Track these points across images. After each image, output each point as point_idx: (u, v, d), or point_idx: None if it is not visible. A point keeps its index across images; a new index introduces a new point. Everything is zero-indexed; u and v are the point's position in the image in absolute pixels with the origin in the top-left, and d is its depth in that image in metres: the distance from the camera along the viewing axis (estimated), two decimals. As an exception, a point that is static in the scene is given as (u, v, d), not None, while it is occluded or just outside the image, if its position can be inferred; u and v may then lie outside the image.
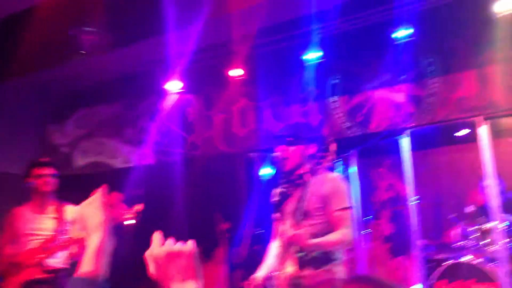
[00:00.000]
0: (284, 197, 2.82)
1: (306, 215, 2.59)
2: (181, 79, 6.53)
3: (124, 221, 3.93)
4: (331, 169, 2.64)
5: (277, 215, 2.89)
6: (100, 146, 7.42)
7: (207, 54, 6.28)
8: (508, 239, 4.51)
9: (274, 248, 2.92)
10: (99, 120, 7.46)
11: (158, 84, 6.62)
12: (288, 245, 2.60)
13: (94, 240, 1.55)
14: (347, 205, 2.70)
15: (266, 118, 6.60)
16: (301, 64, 6.16)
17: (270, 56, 6.21)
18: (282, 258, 2.63)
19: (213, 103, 6.92)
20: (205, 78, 6.73)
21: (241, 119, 6.79)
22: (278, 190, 2.91)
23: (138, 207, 4.06)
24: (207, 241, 7.21)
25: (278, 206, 2.85)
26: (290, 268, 2.61)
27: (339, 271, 2.69)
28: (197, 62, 6.26)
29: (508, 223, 4.66)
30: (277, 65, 6.33)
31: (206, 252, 7.27)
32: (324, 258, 2.65)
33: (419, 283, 4.66)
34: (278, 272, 2.69)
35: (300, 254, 2.61)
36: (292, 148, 2.77)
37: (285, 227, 2.56)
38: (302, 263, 2.63)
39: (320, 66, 6.18)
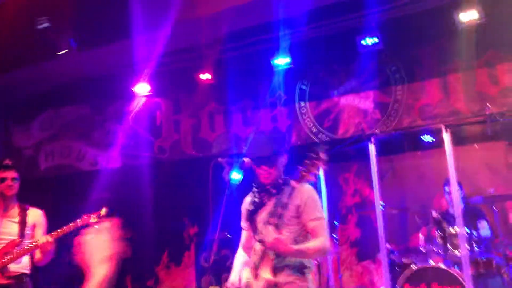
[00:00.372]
0: (258, 206, 2.81)
1: (280, 223, 2.60)
2: (149, 82, 6.47)
3: (90, 225, 3.86)
4: (317, 177, 2.67)
5: (247, 223, 2.89)
6: (66, 148, 7.26)
7: (176, 57, 6.25)
8: (470, 245, 4.64)
9: (241, 255, 2.93)
10: (65, 122, 7.32)
11: (126, 87, 6.55)
12: (266, 250, 2.59)
13: (101, 272, 1.55)
14: (321, 215, 2.73)
15: (235, 123, 6.61)
16: (270, 69, 6.20)
17: (239, 61, 6.24)
18: (258, 264, 2.63)
19: (181, 107, 6.88)
20: (173, 82, 6.70)
21: (209, 123, 6.77)
22: (250, 199, 2.91)
23: (103, 211, 4.00)
24: (175, 245, 7.15)
25: (251, 215, 2.84)
26: (265, 275, 2.60)
27: (311, 278, 2.71)
28: (166, 65, 6.23)
29: (469, 230, 4.79)
30: (246, 70, 6.36)
31: (174, 256, 7.21)
32: (298, 264, 2.67)
33: (384, 287, 4.73)
34: (251, 279, 2.67)
35: (276, 260, 2.61)
36: (274, 166, 2.77)
37: (265, 232, 2.54)
38: (277, 269, 2.64)
39: (289, 72, 6.24)
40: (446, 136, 4.64)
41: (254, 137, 2.96)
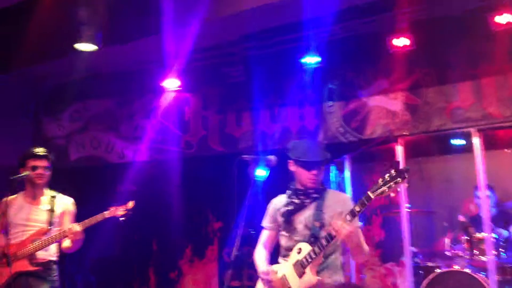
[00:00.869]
0: (297, 207, 2.89)
1: (323, 227, 2.72)
2: (179, 78, 6.54)
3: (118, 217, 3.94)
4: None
5: (276, 223, 2.98)
6: (95, 140, 7.41)
7: (206, 54, 6.30)
8: (497, 250, 4.56)
9: (262, 253, 3.01)
10: (95, 114, 7.46)
11: (156, 81, 6.64)
12: (317, 250, 2.66)
13: None
14: (358, 224, 2.83)
15: (262, 120, 6.63)
16: (298, 68, 6.19)
17: (268, 59, 6.25)
18: (306, 263, 2.70)
19: (209, 103, 6.94)
20: (202, 78, 6.75)
21: (236, 119, 6.81)
22: (285, 200, 2.98)
23: (130, 204, 4.07)
24: (199, 240, 7.23)
25: (289, 215, 2.91)
26: (312, 274, 2.69)
27: (343, 275, 2.85)
28: (196, 61, 6.29)
29: (497, 236, 4.70)
30: (275, 67, 6.36)
31: (198, 250, 7.29)
32: (336, 265, 2.81)
33: (408, 290, 4.70)
34: (294, 277, 2.74)
35: (321, 259, 2.70)
36: (322, 171, 2.90)
37: (337, 224, 2.58)
38: (321, 270, 2.74)
39: (317, 71, 6.22)
40: (477, 140, 4.57)
41: (304, 143, 3.04)
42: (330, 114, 6.38)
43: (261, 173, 3.69)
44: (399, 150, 4.89)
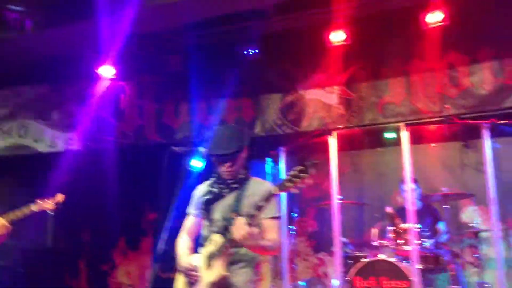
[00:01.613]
0: (216, 197, 2.81)
1: (246, 216, 2.59)
2: (114, 65, 6.36)
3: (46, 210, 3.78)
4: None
5: (199, 211, 2.90)
6: (23, 128, 7.09)
7: (142, 41, 6.15)
8: (420, 240, 4.77)
9: (185, 240, 2.93)
10: (24, 101, 7.12)
11: (90, 68, 6.41)
12: (227, 243, 2.58)
13: None
14: (279, 214, 2.76)
15: (200, 111, 6.58)
16: (237, 59, 6.18)
17: (207, 49, 6.19)
18: (214, 256, 2.63)
19: (146, 92, 6.80)
20: (139, 66, 6.59)
21: (174, 110, 6.72)
22: (206, 188, 2.91)
23: (59, 197, 3.91)
24: (133, 231, 7.11)
25: (207, 204, 2.84)
26: (219, 268, 2.61)
27: (265, 270, 2.81)
28: (132, 49, 6.13)
29: (421, 226, 4.92)
30: (213, 58, 6.31)
31: (131, 242, 7.17)
32: (252, 257, 2.72)
33: (337, 278, 4.82)
34: (202, 267, 2.68)
35: (232, 252, 2.63)
36: (238, 163, 2.78)
37: (236, 225, 2.50)
38: (232, 262, 2.66)
39: (256, 63, 6.23)
40: (405, 135, 4.74)
41: (217, 133, 2.87)
42: (268, 106, 6.42)
43: (197, 164, 3.65)
44: (332, 143, 4.99)
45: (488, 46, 5.35)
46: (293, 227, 6.12)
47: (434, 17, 5.42)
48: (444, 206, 5.00)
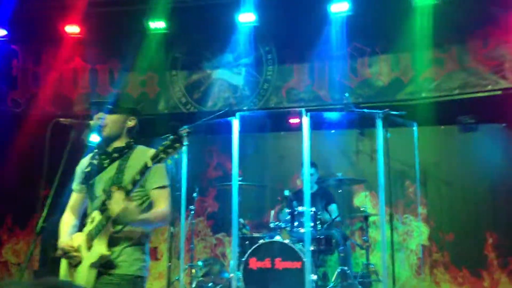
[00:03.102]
0: (96, 169, 2.63)
1: (122, 190, 2.43)
2: (5, 27, 5.83)
3: None
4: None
5: (81, 186, 2.72)
6: None
7: (39, 2, 5.69)
8: (314, 223, 4.95)
9: (69, 218, 2.76)
10: None
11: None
12: (107, 220, 2.42)
13: None
14: (166, 183, 2.64)
15: (101, 82, 6.27)
16: (144, 32, 5.94)
17: (111, 19, 5.88)
18: (94, 235, 2.47)
19: (42, 59, 6.33)
20: (35, 30, 6.10)
21: (73, 80, 6.34)
22: (87, 161, 2.73)
23: None
24: (22, 208, 6.66)
25: (87, 178, 2.66)
26: (99, 248, 2.45)
27: (148, 249, 2.64)
28: (28, 10, 5.66)
29: (316, 209, 5.11)
30: (119, 29, 6.02)
31: (19, 219, 6.73)
32: (137, 236, 2.56)
33: (234, 259, 4.86)
34: (84, 248, 2.52)
35: (115, 229, 2.47)
36: (111, 116, 2.61)
37: (113, 200, 2.35)
38: (114, 241, 2.50)
39: (164, 38, 6.04)
40: (305, 120, 4.85)
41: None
42: (173, 83, 6.28)
43: (94, 137, 3.45)
44: (235, 124, 4.99)
45: (385, 39, 5.60)
46: (193, 207, 6.08)
47: (339, 7, 5.57)
48: (339, 191, 5.20)
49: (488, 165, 5.87)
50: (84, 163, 2.76)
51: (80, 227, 2.73)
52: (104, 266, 2.47)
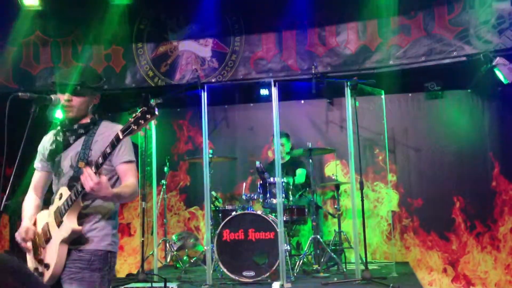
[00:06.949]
0: (61, 146, 2.57)
1: (90, 165, 2.38)
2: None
3: None
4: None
5: (44, 163, 2.65)
6: None
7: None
8: (286, 194, 4.98)
9: (32, 198, 2.69)
10: None
11: None
12: (76, 196, 2.37)
13: None
14: (133, 158, 2.61)
15: (64, 57, 6.07)
16: (107, 3, 5.73)
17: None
18: (64, 211, 2.42)
19: (0, 34, 6.06)
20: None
21: (33, 55, 6.11)
22: (51, 138, 2.65)
23: None
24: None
25: (52, 155, 2.59)
26: (70, 223, 2.41)
27: (116, 222, 2.62)
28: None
29: (288, 179, 5.13)
30: (80, 4, 5.81)
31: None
32: (106, 210, 2.52)
33: (207, 232, 4.86)
34: (53, 226, 2.47)
35: (83, 205, 2.43)
36: (78, 99, 2.53)
37: (84, 176, 2.30)
38: (84, 216, 2.46)
39: (126, 8, 5.85)
40: (275, 91, 4.81)
41: (69, 69, 2.69)
42: (139, 56, 6.13)
43: (59, 115, 3.33)
44: (204, 97, 4.91)
45: (352, 6, 5.55)
46: (165, 182, 6.04)
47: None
48: (309, 161, 5.22)
49: (455, 130, 5.99)
50: (46, 141, 2.68)
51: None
52: (75, 242, 2.44)
